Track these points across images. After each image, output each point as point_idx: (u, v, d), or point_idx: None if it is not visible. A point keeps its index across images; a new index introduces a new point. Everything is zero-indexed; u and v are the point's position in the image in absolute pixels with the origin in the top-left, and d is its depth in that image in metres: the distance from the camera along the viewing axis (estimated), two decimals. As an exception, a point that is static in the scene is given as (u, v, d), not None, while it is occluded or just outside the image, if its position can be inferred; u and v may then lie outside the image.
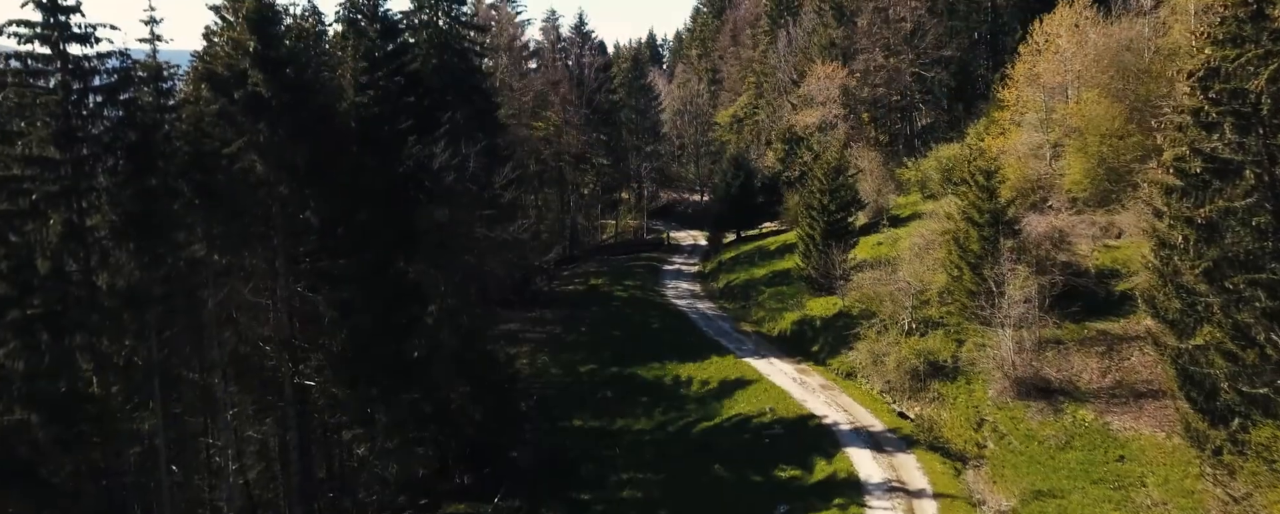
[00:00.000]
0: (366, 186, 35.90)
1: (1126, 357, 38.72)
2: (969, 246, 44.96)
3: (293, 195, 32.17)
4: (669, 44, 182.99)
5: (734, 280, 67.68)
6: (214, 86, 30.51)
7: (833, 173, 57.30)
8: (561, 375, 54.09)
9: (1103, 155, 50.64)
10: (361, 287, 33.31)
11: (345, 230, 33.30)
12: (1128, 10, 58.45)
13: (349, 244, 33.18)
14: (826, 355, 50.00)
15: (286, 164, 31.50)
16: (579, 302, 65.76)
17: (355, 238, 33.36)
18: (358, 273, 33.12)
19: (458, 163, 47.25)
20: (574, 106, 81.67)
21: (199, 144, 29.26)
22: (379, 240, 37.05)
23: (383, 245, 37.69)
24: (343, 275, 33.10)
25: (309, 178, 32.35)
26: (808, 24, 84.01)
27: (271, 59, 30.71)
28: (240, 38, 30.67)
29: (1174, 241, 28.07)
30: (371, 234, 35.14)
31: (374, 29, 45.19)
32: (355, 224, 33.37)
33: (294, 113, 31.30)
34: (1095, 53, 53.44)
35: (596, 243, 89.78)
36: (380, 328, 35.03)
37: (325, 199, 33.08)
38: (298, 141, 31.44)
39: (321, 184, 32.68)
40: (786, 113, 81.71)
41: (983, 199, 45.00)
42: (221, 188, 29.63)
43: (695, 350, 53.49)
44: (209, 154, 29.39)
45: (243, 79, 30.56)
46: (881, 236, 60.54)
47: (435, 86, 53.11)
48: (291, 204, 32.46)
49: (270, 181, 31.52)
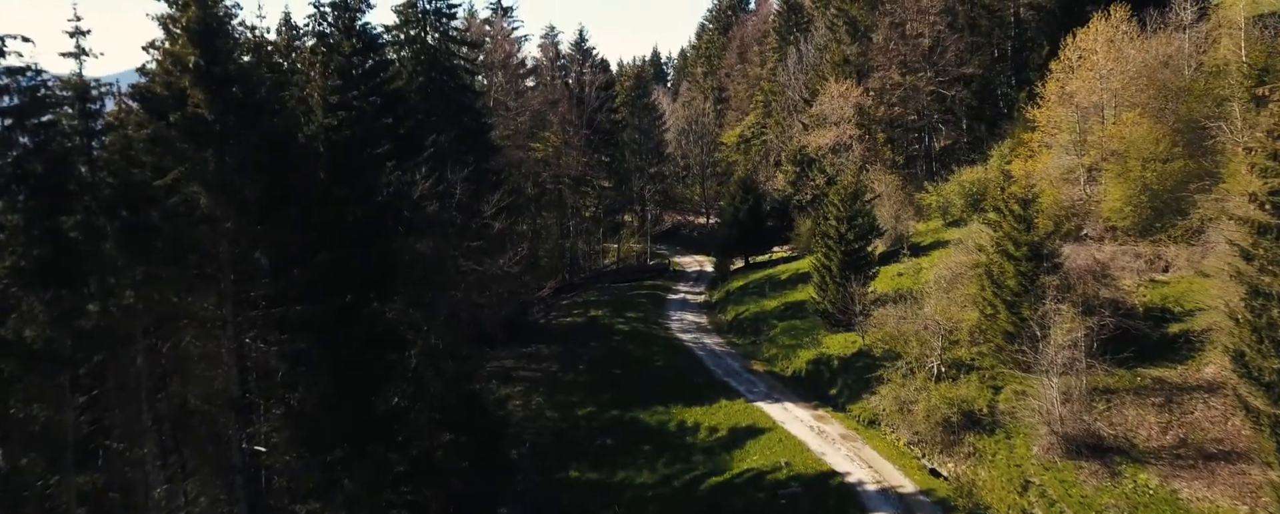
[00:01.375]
0: (332, 220, 31.77)
1: (1189, 410, 34.34)
2: (1004, 282, 40.80)
3: (243, 232, 27.99)
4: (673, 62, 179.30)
5: (743, 313, 63.38)
6: (148, 108, 26.47)
7: (850, 198, 53.12)
8: (557, 419, 49.74)
9: (1146, 181, 46.51)
10: (323, 335, 29.07)
11: (303, 271, 29.05)
12: (1165, 25, 54.45)
13: (308, 287, 28.94)
14: (846, 400, 45.67)
15: (235, 197, 27.35)
16: (578, 335, 61.49)
17: (315, 279, 29.12)
18: (319, 319, 28.90)
19: (443, 190, 43.20)
20: (574, 126, 77.76)
21: (127, 175, 25.09)
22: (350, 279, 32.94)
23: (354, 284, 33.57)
24: (300, 323, 28.86)
25: (263, 212, 28.20)
26: (820, 40, 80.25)
27: (216, 76, 26.64)
28: (180, 52, 26.61)
29: (1271, 289, 23.81)
30: (337, 274, 30.94)
31: (350, 44, 41.19)
32: (316, 264, 29.13)
33: (243, 138, 27.24)
34: (1135, 70, 49.40)
35: (597, 269, 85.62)
36: (347, 379, 30.79)
37: (281, 236, 28.88)
38: (248, 171, 27.32)
39: (277, 219, 28.51)
40: (797, 133, 77.78)
41: (1019, 230, 40.87)
42: (156, 226, 25.44)
43: (703, 392, 49.20)
44: (139, 187, 25.23)
45: (182, 99, 26.50)
46: (902, 266, 56.30)
47: (420, 106, 49.09)
48: (242, 242, 28.29)
49: (216, 217, 27.37)
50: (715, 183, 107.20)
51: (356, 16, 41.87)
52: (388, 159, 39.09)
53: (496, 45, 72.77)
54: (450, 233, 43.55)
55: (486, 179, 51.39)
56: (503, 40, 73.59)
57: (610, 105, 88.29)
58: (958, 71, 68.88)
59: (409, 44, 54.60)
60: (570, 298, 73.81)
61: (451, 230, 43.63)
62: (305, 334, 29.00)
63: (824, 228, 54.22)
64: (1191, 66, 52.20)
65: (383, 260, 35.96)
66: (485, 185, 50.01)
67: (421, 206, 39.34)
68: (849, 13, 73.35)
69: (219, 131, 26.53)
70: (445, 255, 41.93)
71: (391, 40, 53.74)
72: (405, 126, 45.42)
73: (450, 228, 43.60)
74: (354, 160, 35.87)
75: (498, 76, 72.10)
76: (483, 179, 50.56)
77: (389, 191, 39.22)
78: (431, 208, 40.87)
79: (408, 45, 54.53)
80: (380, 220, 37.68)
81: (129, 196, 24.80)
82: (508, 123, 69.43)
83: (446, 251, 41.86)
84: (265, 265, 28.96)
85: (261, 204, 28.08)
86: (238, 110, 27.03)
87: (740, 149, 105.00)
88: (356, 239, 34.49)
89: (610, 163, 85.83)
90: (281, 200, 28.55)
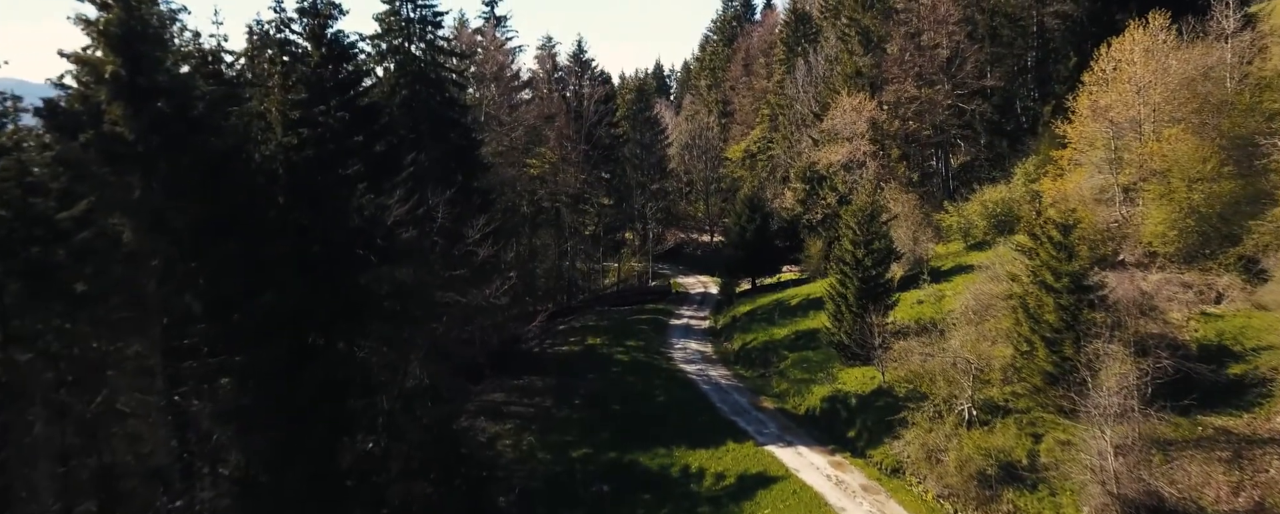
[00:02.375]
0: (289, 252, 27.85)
1: (1263, 467, 30.24)
2: (1042, 316, 36.73)
3: (175, 269, 24.04)
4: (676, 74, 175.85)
5: (751, 342, 59.27)
6: (56, 126, 22.60)
7: (867, 220, 49.09)
8: (550, 461, 45.55)
9: (1192, 203, 42.58)
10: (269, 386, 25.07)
11: (245, 314, 25.07)
12: (1203, 35, 50.64)
13: (252, 330, 24.96)
14: (866, 444, 41.52)
15: (165, 228, 23.40)
16: (574, 366, 57.37)
17: (262, 321, 25.13)
18: (263, 367, 24.90)
19: (423, 213, 39.29)
20: (572, 141, 73.93)
21: (24, 206, 21.16)
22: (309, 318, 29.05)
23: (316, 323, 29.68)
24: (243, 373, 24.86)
25: (199, 245, 24.25)
26: (830, 51, 76.49)
27: (140, 88, 22.75)
28: (97, 60, 22.76)
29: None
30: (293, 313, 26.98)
31: (320, 53, 37.32)
32: (262, 304, 25.14)
33: (175, 159, 23.30)
34: (1177, 82, 45.52)
35: (596, 291, 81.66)
36: (302, 434, 26.79)
37: (222, 272, 24.91)
38: (182, 197, 23.38)
39: (216, 253, 24.56)
40: (806, 148, 73.91)
41: (1059, 259, 36.83)
42: (62, 264, 21.51)
43: (708, 433, 45.06)
44: (40, 219, 21.32)
45: (99, 116, 22.62)
46: (922, 293, 52.25)
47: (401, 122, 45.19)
48: (174, 281, 24.32)
49: (143, 252, 23.41)
50: (720, 199, 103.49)
51: (327, 23, 37.96)
52: (360, 181, 35.19)
53: (489, 56, 68.93)
54: (432, 260, 39.50)
55: (473, 200, 47.34)
56: (496, 51, 69.74)
57: (610, 119, 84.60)
58: (977, 84, 65.06)
59: (392, 55, 50.70)
60: (567, 323, 69.78)
61: (433, 258, 39.57)
62: (250, 385, 24.98)
63: (839, 252, 50.18)
64: (1234, 78, 48.45)
65: (350, 295, 32.03)
66: (471, 207, 45.95)
67: (396, 233, 35.33)
68: (861, 22, 69.56)
69: (143, 153, 22.61)
70: (425, 286, 37.86)
71: (372, 51, 49.89)
72: (383, 144, 41.49)
73: (431, 255, 39.56)
74: (318, 183, 31.95)
75: (490, 89, 68.22)
76: (469, 200, 46.54)
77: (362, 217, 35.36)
78: (408, 234, 36.88)
79: (390, 56, 50.63)
80: (349, 250, 33.73)
81: (28, 231, 20.82)
82: (500, 138, 65.57)
83: (426, 282, 37.81)
84: (198, 310, 24.87)
85: (197, 236, 24.12)
86: (166, 128, 23.11)
87: (746, 164, 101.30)
88: (320, 272, 30.62)
89: (610, 179, 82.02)
90: (222, 231, 24.58)
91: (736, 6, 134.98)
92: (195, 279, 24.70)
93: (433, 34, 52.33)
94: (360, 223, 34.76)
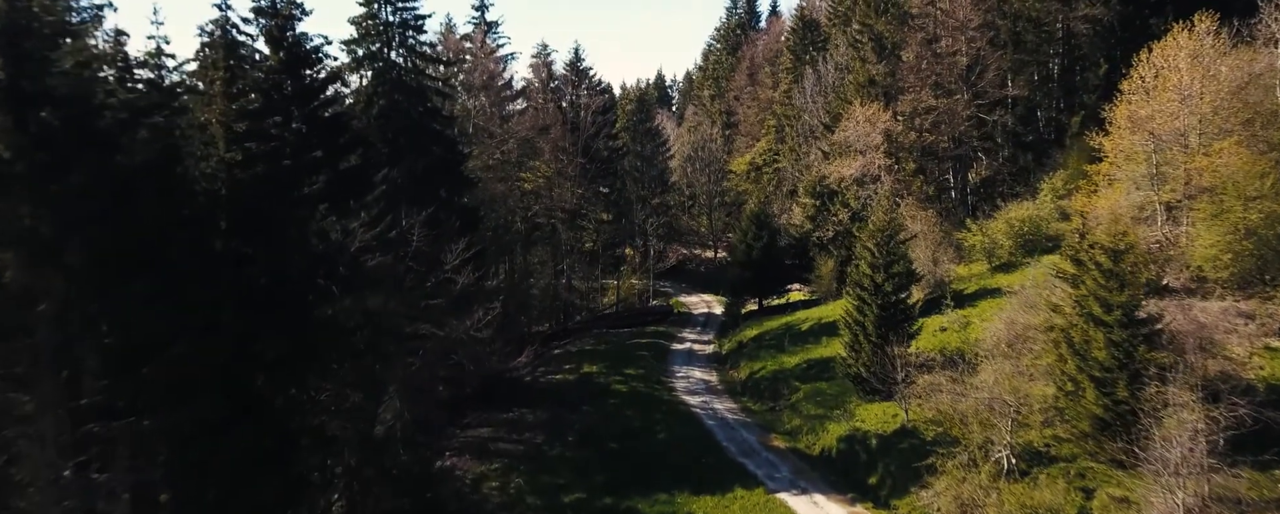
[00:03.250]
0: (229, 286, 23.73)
1: (1360, 535, 25.99)
2: (1090, 354, 32.52)
3: (71, 314, 19.94)
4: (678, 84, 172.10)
5: (759, 370, 55.02)
6: (-84, 142, 18.61)
7: (885, 241, 44.97)
8: (540, 507, 41.15)
9: (1249, 223, 38.42)
10: (188, 452, 20.93)
11: (156, 368, 20.95)
12: (1251, 39, 46.68)
13: (167, 388, 20.83)
14: (889, 493, 37.21)
15: (58, 263, 19.31)
16: (568, 397, 53.08)
17: (179, 376, 21.00)
18: (182, 430, 20.76)
19: (396, 236, 35.22)
20: (568, 154, 69.99)
21: None
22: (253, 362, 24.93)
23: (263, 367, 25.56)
24: (156, 438, 20.73)
25: (103, 284, 20.15)
26: (840, 60, 72.47)
27: (23, 95, 18.69)
28: (-30, 62, 18.75)
29: None
30: (226, 360, 22.83)
31: (278, 57, 33.28)
32: (176, 356, 21.00)
33: (71, 181, 19.23)
34: (1228, 91, 41.51)
35: (594, 311, 77.51)
36: (234, 505, 22.60)
37: (132, 316, 20.79)
38: (77, 227, 19.29)
39: (125, 293, 20.45)
40: (816, 161, 69.84)
41: (1109, 288, 32.66)
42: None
43: (714, 477, 40.75)
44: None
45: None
46: (945, 320, 48.08)
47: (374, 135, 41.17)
48: (68, 328, 20.22)
49: (29, 292, 19.32)
50: (723, 213, 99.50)
51: (288, 25, 33.91)
52: (321, 201, 31.14)
53: (478, 64, 64.95)
54: (405, 289, 35.39)
55: (453, 221, 43.17)
56: (486, 58, 65.71)
57: (609, 131, 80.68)
58: (999, 93, 60.94)
59: (369, 61, 46.65)
60: (562, 346, 65.61)
61: (406, 285, 35.47)
62: (164, 452, 20.86)
63: (855, 276, 46.01)
64: (1285, 86, 44.52)
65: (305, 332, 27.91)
66: (451, 229, 41.79)
67: (361, 259, 31.23)
68: (875, 28, 65.57)
69: (24, 173, 18.57)
70: (395, 317, 33.73)
71: (347, 58, 45.91)
72: (354, 158, 37.40)
73: (405, 282, 35.46)
74: (267, 205, 27.86)
75: (480, 99, 64.22)
76: (449, 220, 42.39)
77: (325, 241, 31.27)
78: (377, 260, 32.76)
79: (367, 63, 46.59)
80: (306, 280, 29.63)
81: None
82: (491, 152, 61.54)
83: (397, 313, 33.67)
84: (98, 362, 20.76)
85: (100, 272, 20.02)
86: (56, 144, 19.06)
87: (751, 177, 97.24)
88: (266, 308, 26.51)
89: (609, 193, 77.99)
90: (133, 267, 20.47)
91: (741, 14, 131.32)
92: (97, 325, 20.63)
93: (414, 39, 48.34)
94: (321, 249, 30.74)
